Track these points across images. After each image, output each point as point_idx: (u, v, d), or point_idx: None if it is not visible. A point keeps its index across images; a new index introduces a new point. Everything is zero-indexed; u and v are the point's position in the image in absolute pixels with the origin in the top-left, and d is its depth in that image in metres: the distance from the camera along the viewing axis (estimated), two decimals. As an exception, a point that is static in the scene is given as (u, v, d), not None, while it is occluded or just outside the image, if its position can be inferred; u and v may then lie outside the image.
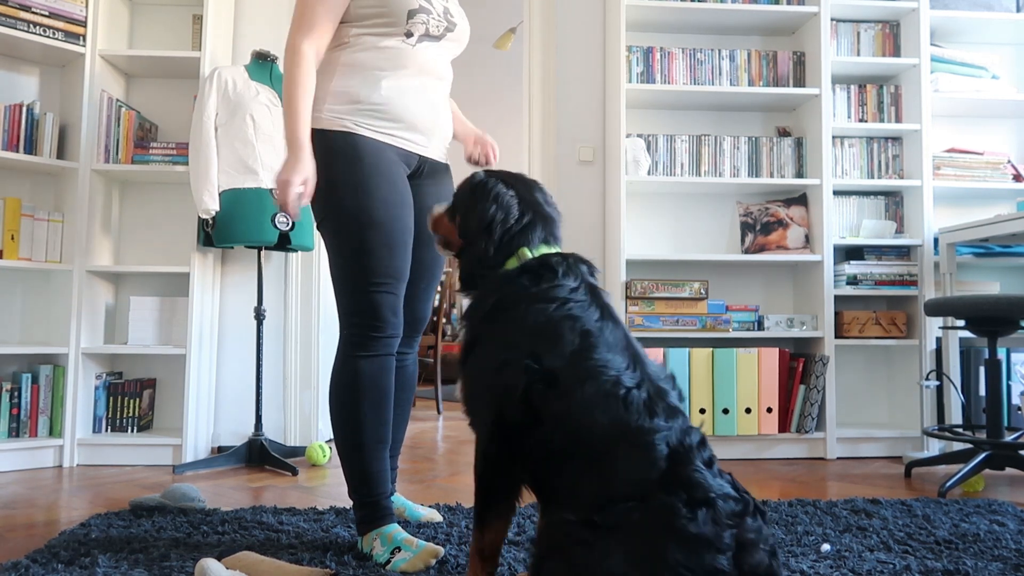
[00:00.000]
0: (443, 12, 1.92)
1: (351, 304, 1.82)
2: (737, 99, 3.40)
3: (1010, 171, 3.40)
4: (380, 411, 1.81)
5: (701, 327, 3.21)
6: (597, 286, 1.43)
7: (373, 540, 1.74)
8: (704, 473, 1.14)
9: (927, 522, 2.04)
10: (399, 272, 1.84)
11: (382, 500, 1.79)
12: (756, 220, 3.44)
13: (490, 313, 1.42)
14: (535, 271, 1.42)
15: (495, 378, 1.34)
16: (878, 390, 3.48)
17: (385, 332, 1.83)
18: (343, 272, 1.83)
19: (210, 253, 3.21)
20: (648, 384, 1.25)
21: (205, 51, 3.07)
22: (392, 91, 1.85)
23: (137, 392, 3.12)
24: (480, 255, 1.51)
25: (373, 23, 1.85)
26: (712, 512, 1.08)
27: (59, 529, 2.00)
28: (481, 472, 1.39)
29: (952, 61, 3.42)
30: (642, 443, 1.17)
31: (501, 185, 1.55)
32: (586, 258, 1.49)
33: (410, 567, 1.65)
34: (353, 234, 1.80)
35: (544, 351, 1.30)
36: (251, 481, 2.68)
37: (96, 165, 3.04)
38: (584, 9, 3.55)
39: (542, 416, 1.26)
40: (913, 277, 3.29)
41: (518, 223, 1.51)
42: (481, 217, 1.52)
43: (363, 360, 1.81)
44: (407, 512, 2.06)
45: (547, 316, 1.34)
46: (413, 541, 1.71)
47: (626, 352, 1.30)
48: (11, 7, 2.89)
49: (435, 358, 5.05)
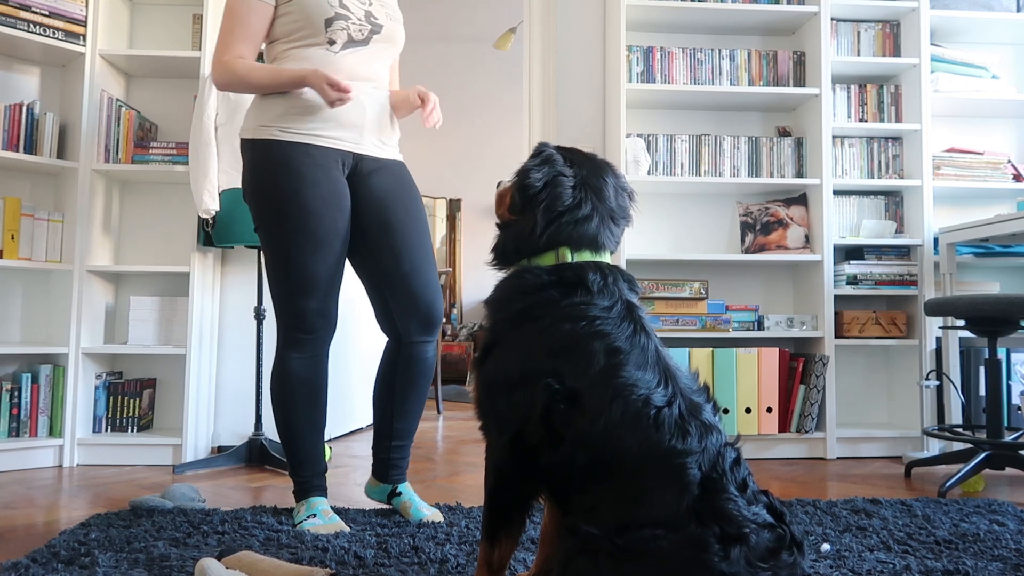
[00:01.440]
0: (364, 16, 2.00)
1: (280, 308, 2.00)
2: (737, 99, 3.40)
3: (1010, 171, 3.40)
4: (311, 405, 2.04)
5: (701, 327, 3.21)
6: (635, 303, 1.31)
7: (300, 506, 2.04)
8: (738, 502, 1.07)
9: (927, 522, 2.04)
10: (325, 275, 1.96)
11: (312, 479, 2.07)
12: (756, 220, 3.44)
13: (515, 318, 1.31)
14: (569, 284, 1.29)
15: (513, 392, 1.26)
16: (878, 390, 3.48)
17: (313, 334, 1.99)
18: (272, 277, 1.99)
19: (210, 253, 3.21)
20: (680, 400, 1.17)
21: (205, 51, 3.07)
22: (315, 93, 1.93)
23: (137, 392, 3.12)
24: (522, 235, 1.36)
25: (297, 37, 1.98)
26: (746, 550, 1.02)
27: (59, 529, 2.00)
28: (493, 487, 1.33)
29: (952, 61, 3.42)
30: (673, 467, 1.11)
31: (563, 163, 1.38)
32: (629, 274, 1.36)
33: (314, 529, 1.92)
34: (276, 240, 1.95)
35: (568, 369, 1.21)
36: (251, 481, 2.68)
37: (96, 165, 3.04)
38: (584, 9, 3.55)
39: (563, 436, 1.19)
40: (913, 277, 3.29)
41: (570, 212, 1.34)
42: (527, 193, 1.36)
43: (295, 360, 2.00)
44: (412, 510, 2.06)
45: (574, 332, 1.24)
46: (329, 513, 2.00)
47: (657, 367, 1.21)
48: (11, 7, 2.88)
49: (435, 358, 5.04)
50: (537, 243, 1.34)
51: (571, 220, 1.34)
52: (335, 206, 1.95)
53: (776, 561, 1.04)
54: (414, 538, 1.86)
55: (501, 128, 7.26)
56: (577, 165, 1.39)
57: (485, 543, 1.34)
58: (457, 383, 6.96)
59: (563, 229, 1.34)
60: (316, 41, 1.96)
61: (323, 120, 1.96)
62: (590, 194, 1.36)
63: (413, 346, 2.07)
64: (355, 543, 1.81)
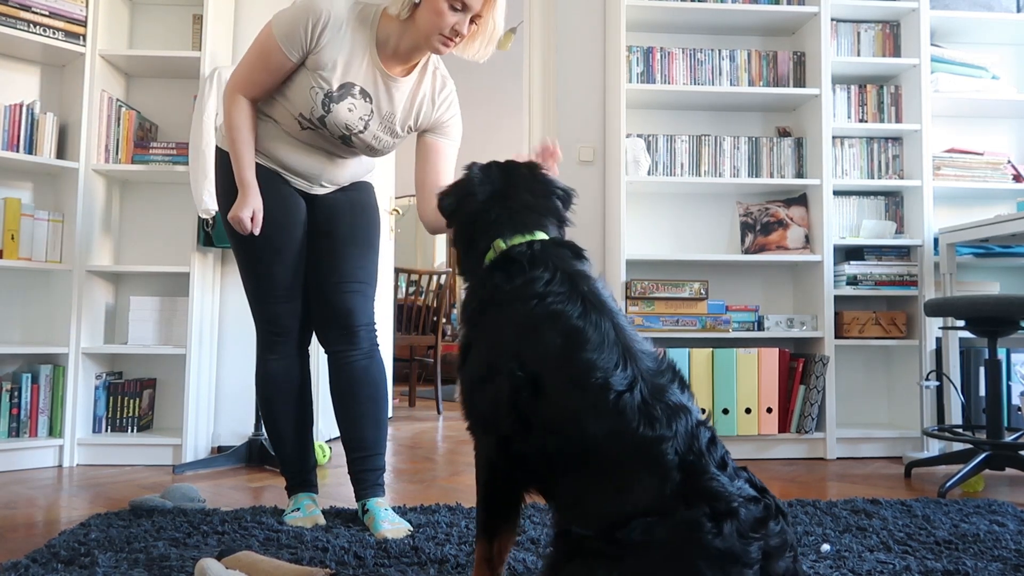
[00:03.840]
0: (363, 127, 1.97)
1: (254, 312, 2.10)
2: (737, 99, 3.40)
3: (1010, 171, 3.40)
4: (293, 404, 2.11)
5: (701, 327, 3.21)
6: (577, 272, 1.33)
7: (289, 503, 2.13)
8: (721, 479, 1.09)
9: (927, 522, 2.04)
10: (288, 281, 2.04)
11: (299, 475, 2.14)
12: (756, 220, 3.44)
13: (474, 315, 1.39)
14: (503, 266, 1.37)
15: (485, 386, 1.30)
16: (878, 390, 3.48)
17: (286, 336, 2.08)
18: (244, 282, 2.09)
19: (210, 253, 3.21)
20: (641, 384, 1.17)
21: (205, 51, 3.07)
22: (276, 145, 2.00)
23: (137, 392, 3.12)
24: (464, 252, 1.50)
25: (287, 96, 1.95)
26: (737, 523, 1.04)
27: (59, 529, 2.00)
28: (484, 483, 1.36)
29: (952, 61, 3.42)
30: (649, 455, 1.11)
31: (476, 174, 1.51)
32: (567, 240, 1.43)
33: (293, 522, 2.00)
34: (242, 246, 2.02)
35: (527, 354, 1.24)
36: (251, 481, 2.68)
37: (96, 165, 3.04)
38: (584, 9, 3.55)
39: (531, 423, 1.22)
40: (913, 277, 3.29)
41: (488, 213, 1.45)
42: (452, 209, 1.51)
43: (272, 361, 2.09)
44: (373, 524, 1.96)
45: (527, 315, 1.27)
46: (311, 508, 2.07)
47: (616, 347, 1.20)
48: (11, 7, 2.88)
49: (435, 358, 5.05)
50: (475, 252, 1.45)
51: (493, 219, 1.44)
52: (291, 217, 2.03)
53: (765, 530, 1.06)
54: (414, 538, 1.86)
55: (501, 128, 7.25)
56: (490, 173, 1.51)
57: (483, 540, 1.36)
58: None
59: (490, 229, 1.43)
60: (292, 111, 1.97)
61: (280, 165, 2.02)
62: (504, 195, 1.47)
63: (336, 355, 2.08)
64: (355, 543, 1.81)
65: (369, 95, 1.94)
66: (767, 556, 1.05)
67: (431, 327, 5.11)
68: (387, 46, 1.92)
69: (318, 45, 1.87)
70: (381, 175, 3.95)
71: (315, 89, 1.89)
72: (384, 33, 1.91)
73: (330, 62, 1.88)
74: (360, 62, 1.91)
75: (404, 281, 5.19)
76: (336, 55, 1.88)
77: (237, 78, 1.95)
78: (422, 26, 1.84)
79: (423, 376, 6.50)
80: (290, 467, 2.15)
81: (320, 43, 1.87)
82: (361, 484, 2.08)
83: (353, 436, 2.09)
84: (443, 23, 1.81)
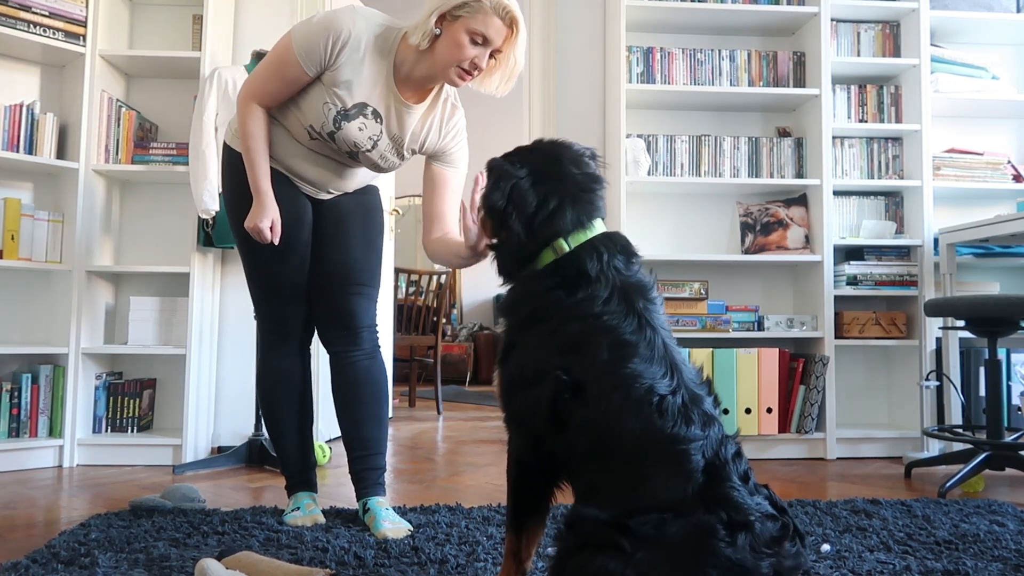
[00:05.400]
0: (370, 145, 1.96)
1: (257, 311, 2.12)
2: (737, 99, 3.40)
3: (1010, 171, 3.40)
4: (294, 404, 2.12)
5: (701, 327, 3.21)
6: (632, 285, 1.31)
7: (289, 502, 2.14)
8: (741, 491, 1.10)
9: (927, 522, 2.04)
10: (292, 281, 2.04)
11: (299, 475, 2.15)
12: (756, 220, 3.44)
13: (526, 321, 1.35)
14: (570, 280, 1.31)
15: (528, 390, 1.31)
16: (878, 390, 3.48)
17: (288, 335, 2.10)
18: (250, 283, 2.10)
19: (210, 253, 3.21)
20: (684, 391, 1.20)
21: (205, 51, 3.07)
22: (285, 151, 1.99)
23: (137, 392, 3.12)
24: (512, 251, 1.39)
25: (299, 105, 1.93)
26: (751, 537, 1.04)
27: (59, 529, 2.00)
28: (514, 476, 1.39)
29: (952, 61, 3.42)
30: (676, 452, 1.13)
31: (516, 168, 1.39)
32: (624, 242, 1.37)
33: (292, 521, 2.01)
34: (249, 247, 2.02)
35: (576, 364, 1.24)
36: (251, 481, 2.68)
37: (96, 165, 3.04)
38: (584, 9, 3.55)
39: (567, 423, 1.24)
40: (913, 277, 3.29)
41: (541, 209, 1.36)
42: (497, 214, 1.38)
43: (274, 360, 2.11)
44: (374, 523, 1.96)
45: (582, 330, 1.27)
46: (311, 506, 2.08)
47: (664, 361, 1.23)
48: (11, 7, 2.88)
49: (435, 358, 5.05)
50: (528, 251, 1.37)
51: (546, 215, 1.35)
52: (299, 220, 2.02)
53: (780, 549, 1.06)
54: (414, 538, 1.86)
55: (501, 128, 7.25)
56: (528, 163, 1.40)
57: (511, 534, 1.38)
58: (457, 383, 6.96)
59: (544, 227, 1.35)
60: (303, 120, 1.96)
61: (287, 170, 2.02)
62: (551, 182, 1.38)
63: (338, 355, 2.09)
64: (355, 543, 1.81)
65: (381, 117, 1.94)
66: (778, 575, 1.05)
67: (431, 327, 5.11)
68: (401, 70, 1.91)
69: (336, 63, 1.86)
70: (382, 175, 3.94)
71: (328, 105, 1.89)
72: (400, 58, 1.90)
73: (346, 81, 1.87)
74: (376, 85, 1.90)
75: (404, 281, 5.19)
76: (352, 75, 1.87)
77: (252, 86, 1.93)
78: (440, 57, 1.82)
79: (423, 376, 6.50)
80: (290, 466, 2.17)
81: (338, 61, 1.86)
82: (362, 483, 2.08)
83: (354, 435, 2.10)
84: (462, 55, 1.79)
